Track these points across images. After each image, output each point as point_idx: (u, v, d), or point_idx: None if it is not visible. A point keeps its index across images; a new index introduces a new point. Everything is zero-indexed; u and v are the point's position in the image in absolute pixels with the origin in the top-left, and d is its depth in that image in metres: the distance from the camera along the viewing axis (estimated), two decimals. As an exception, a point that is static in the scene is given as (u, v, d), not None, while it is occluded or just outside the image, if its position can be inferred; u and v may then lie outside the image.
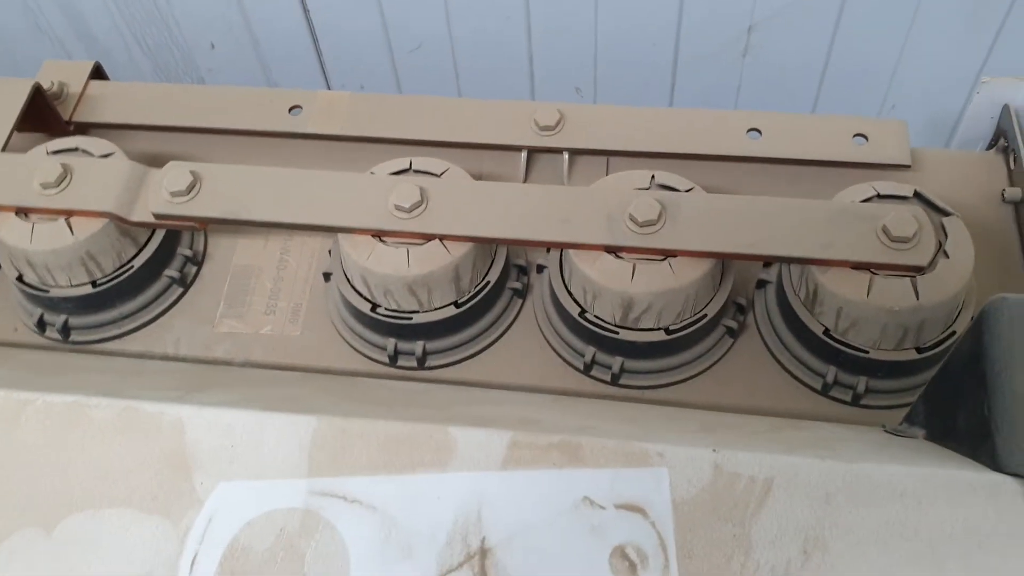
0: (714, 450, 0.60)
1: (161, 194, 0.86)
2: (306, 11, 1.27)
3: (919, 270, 0.80)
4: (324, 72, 1.36)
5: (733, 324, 0.88)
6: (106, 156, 0.93)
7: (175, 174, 0.87)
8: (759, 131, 0.98)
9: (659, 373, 0.88)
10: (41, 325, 0.92)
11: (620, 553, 0.57)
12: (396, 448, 0.60)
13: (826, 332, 0.84)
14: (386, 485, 0.59)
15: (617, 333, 0.85)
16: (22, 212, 0.88)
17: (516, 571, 0.57)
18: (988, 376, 0.61)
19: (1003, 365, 0.60)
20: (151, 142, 1.04)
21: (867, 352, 0.83)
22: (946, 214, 0.84)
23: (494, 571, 0.57)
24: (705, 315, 0.85)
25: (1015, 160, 0.95)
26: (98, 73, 1.09)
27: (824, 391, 0.87)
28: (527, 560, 0.57)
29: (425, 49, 1.28)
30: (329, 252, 0.93)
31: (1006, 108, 0.97)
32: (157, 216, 0.87)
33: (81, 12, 1.32)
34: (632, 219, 0.82)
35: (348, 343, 0.92)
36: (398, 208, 0.84)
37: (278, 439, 0.61)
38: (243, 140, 1.05)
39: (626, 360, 0.87)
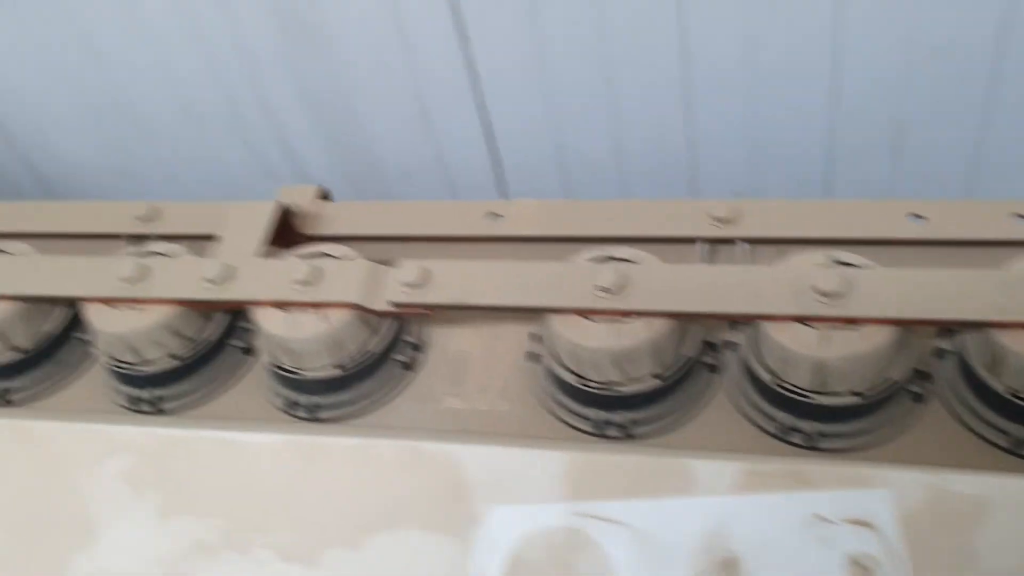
0: (931, 472, 0.67)
1: (397, 286, 1.01)
2: (491, 138, 1.44)
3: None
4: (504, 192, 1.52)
5: (919, 390, 0.94)
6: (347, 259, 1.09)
7: (408, 268, 1.01)
8: (921, 216, 1.06)
9: (852, 437, 0.95)
10: (291, 406, 1.05)
11: (854, 562, 0.64)
12: (644, 476, 0.70)
13: (1012, 392, 0.90)
14: (639, 507, 0.68)
15: (810, 398, 0.92)
16: (280, 305, 1.04)
17: (761, 579, 0.64)
18: None
19: None
20: (371, 251, 1.19)
21: (1053, 408, 0.88)
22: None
23: (741, 580, 0.64)
24: (895, 381, 0.92)
25: None
26: (323, 195, 1.27)
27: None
28: (769, 570, 0.65)
29: (594, 166, 1.43)
30: (528, 336, 1.05)
31: None
32: (394, 305, 1.01)
33: (303, 158, 1.54)
34: (819, 291, 0.91)
35: (556, 416, 1.02)
36: (604, 289, 0.96)
37: (541, 469, 0.71)
38: (446, 246, 1.19)
39: (819, 426, 0.94)
